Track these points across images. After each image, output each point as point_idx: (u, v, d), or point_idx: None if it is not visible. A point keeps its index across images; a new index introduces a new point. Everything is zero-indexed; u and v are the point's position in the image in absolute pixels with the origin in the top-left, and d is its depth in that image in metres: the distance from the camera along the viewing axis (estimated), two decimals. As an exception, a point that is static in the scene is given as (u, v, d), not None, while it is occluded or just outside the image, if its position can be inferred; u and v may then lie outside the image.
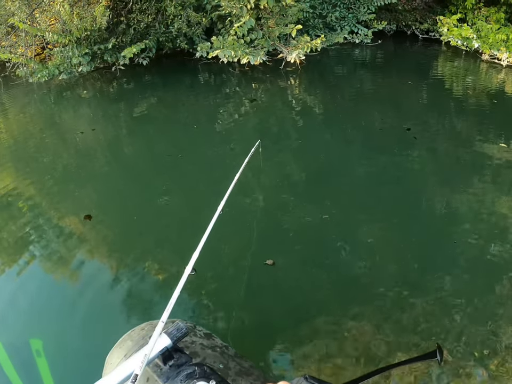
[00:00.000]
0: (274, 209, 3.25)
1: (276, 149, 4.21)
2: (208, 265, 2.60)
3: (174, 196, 3.60)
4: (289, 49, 6.26)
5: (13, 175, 4.44)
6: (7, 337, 2.26)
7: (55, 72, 6.67)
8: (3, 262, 2.97)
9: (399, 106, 5.44)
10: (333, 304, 2.32)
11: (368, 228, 2.91)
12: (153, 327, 1.29)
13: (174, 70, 6.82)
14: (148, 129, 5.17)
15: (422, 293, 2.30)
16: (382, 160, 3.87)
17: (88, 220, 3.28)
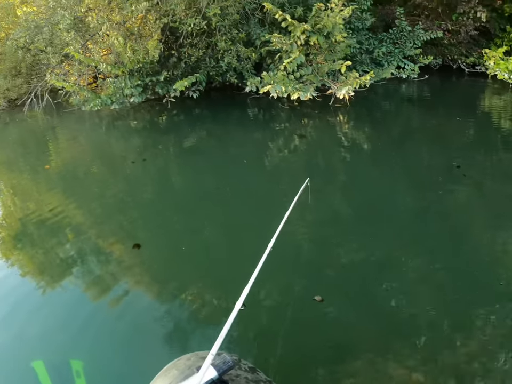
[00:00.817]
0: (320, 245, 3.19)
1: (324, 185, 4.14)
2: (254, 299, 2.56)
3: (222, 229, 3.57)
4: (338, 85, 6.24)
5: (61, 200, 4.50)
6: (49, 355, 2.28)
7: (108, 102, 6.85)
8: (53, 282, 3.01)
9: (447, 142, 5.29)
10: (376, 343, 2.24)
11: (413, 266, 2.84)
12: (199, 358, 1.29)
13: (223, 103, 6.90)
14: (197, 161, 5.20)
15: (465, 334, 2.21)
16: (428, 197, 3.76)
17: (137, 249, 3.28)
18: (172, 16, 6.68)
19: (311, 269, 2.91)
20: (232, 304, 2.27)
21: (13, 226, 4.06)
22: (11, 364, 2.30)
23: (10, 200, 4.86)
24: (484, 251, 2.97)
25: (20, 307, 2.79)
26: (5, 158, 6.84)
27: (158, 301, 2.74)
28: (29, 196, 4.86)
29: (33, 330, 2.53)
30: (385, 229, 3.31)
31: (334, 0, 6.39)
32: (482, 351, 2.10)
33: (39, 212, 4.22)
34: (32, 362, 2.24)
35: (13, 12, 10.48)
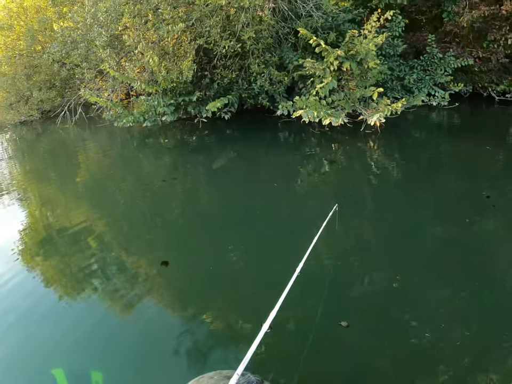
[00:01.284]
0: (347, 271, 3.16)
1: (352, 212, 4.11)
2: (280, 322, 2.51)
3: (250, 251, 3.56)
4: (369, 112, 6.24)
5: (89, 213, 4.56)
6: (69, 365, 2.29)
7: (140, 119, 6.98)
8: (78, 295, 3.04)
9: (476, 171, 5.20)
10: (398, 375, 2.20)
11: (437, 297, 2.76)
12: (222, 376, 1.31)
13: (254, 126, 6.96)
14: (227, 182, 5.23)
15: (489, 370, 2.14)
16: (456, 227, 3.68)
17: (165, 266, 3.30)
18: (207, 37, 6.80)
19: (337, 294, 2.88)
20: (256, 326, 2.27)
21: (38, 235, 4.11)
22: (31, 371, 2.32)
23: (37, 209, 4.94)
24: (509, 286, 2.87)
25: (43, 316, 2.82)
26: (35, 168, 7.02)
27: (182, 319, 2.75)
28: (56, 207, 4.94)
29: (54, 339, 2.56)
30: (411, 258, 3.26)
31: (367, 27, 6.44)
32: None
33: (66, 223, 4.28)
34: (52, 370, 2.26)
35: (49, 26, 10.83)
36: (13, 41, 11.63)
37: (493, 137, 6.43)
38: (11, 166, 7.22)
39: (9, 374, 2.32)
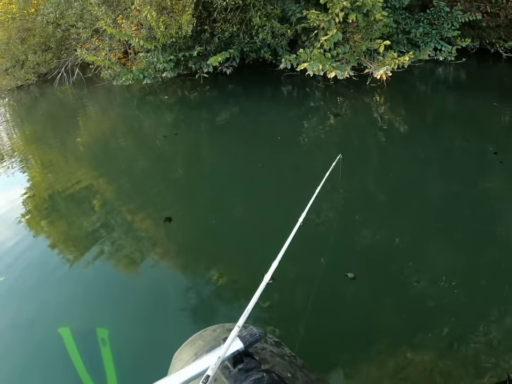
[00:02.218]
0: (349, 224, 3.10)
1: (355, 165, 4.00)
2: (284, 273, 2.43)
3: (253, 204, 3.51)
4: (375, 65, 6.02)
5: (91, 174, 4.47)
6: (76, 324, 2.30)
7: (140, 76, 6.76)
8: (81, 254, 3.01)
9: (483, 128, 5.06)
10: (400, 329, 2.18)
11: (440, 253, 2.71)
12: (225, 329, 1.29)
13: (256, 80, 6.74)
14: (229, 137, 5.10)
15: (490, 326, 2.12)
16: (462, 183, 3.61)
17: (168, 222, 3.25)
18: (206, -10, 6.51)
19: (340, 246, 2.83)
20: (260, 278, 2.39)
21: (41, 199, 4.05)
22: (38, 331, 2.31)
23: (39, 173, 4.84)
24: None
25: (48, 277, 2.81)
26: (35, 132, 6.85)
27: (186, 274, 2.73)
28: (58, 169, 4.83)
29: (60, 300, 2.56)
30: (415, 213, 3.17)
31: (373, -23, 6.14)
32: (506, 344, 2.02)
33: (68, 185, 4.20)
34: (58, 329, 2.26)
35: (42, -13, 10.39)
36: (5, 5, 11.19)
37: (499, 94, 6.23)
38: (10, 132, 7.04)
39: (16, 335, 2.32)
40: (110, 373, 2.01)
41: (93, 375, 2.00)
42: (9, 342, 2.28)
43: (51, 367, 2.09)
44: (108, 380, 1.98)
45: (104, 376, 1.99)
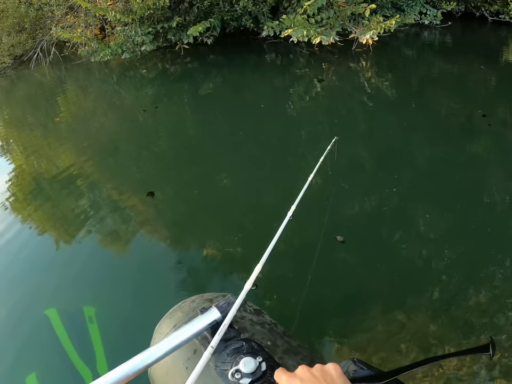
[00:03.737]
0: (338, 189, 3.00)
1: (344, 132, 3.88)
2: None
3: (237, 175, 3.40)
4: (360, 30, 5.79)
5: (73, 154, 4.32)
6: (62, 304, 2.29)
7: (118, 51, 6.43)
8: (66, 235, 2.97)
9: (471, 91, 4.90)
10: (390, 292, 2.15)
11: (428, 216, 2.63)
12: (203, 299, 1.27)
13: (238, 49, 6.45)
14: (212, 108, 4.89)
15: (479, 287, 2.10)
16: (450, 146, 3.48)
17: (151, 197, 3.16)
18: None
19: (326, 211, 2.73)
20: (245, 249, 2.50)
21: (25, 183, 3.91)
22: (25, 313, 2.29)
23: (21, 157, 4.66)
24: (502, 206, 2.72)
25: (33, 260, 2.78)
26: (14, 116, 6.55)
27: (170, 249, 2.70)
28: (40, 152, 4.64)
29: (46, 281, 2.53)
30: (403, 178, 3.07)
31: None
32: (494, 305, 2.00)
33: (51, 167, 4.06)
34: (45, 311, 2.24)
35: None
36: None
37: (486, 58, 6.06)
38: (-12, 118, 6.71)
39: (3, 319, 2.29)
40: (98, 350, 2.00)
41: (81, 352, 1.99)
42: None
43: (40, 348, 2.06)
44: (97, 356, 1.97)
45: (93, 353, 1.98)
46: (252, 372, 0.78)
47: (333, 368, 0.62)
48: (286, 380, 0.64)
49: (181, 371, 1.03)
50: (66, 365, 1.95)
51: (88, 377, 1.89)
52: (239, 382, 0.78)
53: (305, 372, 0.62)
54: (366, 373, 0.69)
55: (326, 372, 0.62)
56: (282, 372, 0.66)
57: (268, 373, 0.79)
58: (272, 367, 0.81)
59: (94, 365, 1.94)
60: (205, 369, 0.91)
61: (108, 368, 1.89)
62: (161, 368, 1.10)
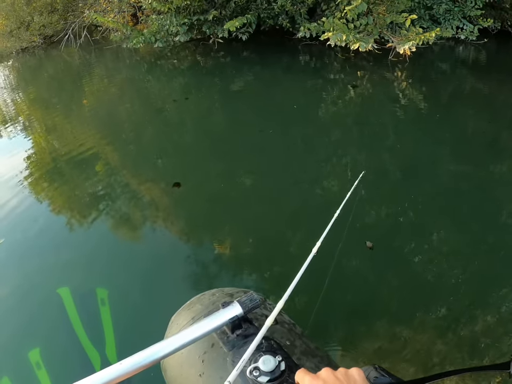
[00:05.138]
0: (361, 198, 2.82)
1: (373, 141, 3.81)
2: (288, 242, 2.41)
3: (263, 172, 3.29)
4: (398, 39, 5.62)
5: (96, 138, 4.22)
6: (75, 283, 2.24)
7: (151, 39, 6.31)
8: (85, 217, 2.90)
9: (505, 111, 4.72)
10: (398, 305, 2.08)
11: (445, 235, 2.53)
12: (224, 294, 1.24)
13: (272, 48, 6.30)
14: (242, 104, 4.78)
15: (487, 309, 2.01)
16: (476, 166, 3.32)
17: (176, 188, 3.07)
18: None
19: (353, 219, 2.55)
20: (263, 247, 2.45)
21: (45, 163, 3.84)
22: (38, 291, 2.25)
23: (43, 137, 4.59)
24: None
25: (49, 239, 2.73)
26: (39, 95, 6.47)
27: (189, 240, 2.61)
28: (62, 134, 4.55)
29: (60, 261, 2.48)
30: (425, 192, 2.94)
31: None
32: (500, 329, 1.91)
33: (72, 149, 3.95)
34: (57, 289, 2.20)
35: None
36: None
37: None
38: (14, 95, 6.63)
39: (15, 295, 2.25)
40: (108, 333, 1.95)
41: (91, 334, 1.94)
42: (8, 302, 2.21)
43: (50, 326, 2.02)
44: (106, 340, 1.92)
45: (102, 336, 1.92)
46: (271, 371, 0.76)
47: (356, 373, 0.61)
48: (309, 381, 0.62)
49: (196, 364, 0.99)
50: (74, 345, 1.89)
51: (96, 360, 1.82)
52: (257, 380, 0.75)
53: (329, 375, 0.61)
54: (387, 381, 0.67)
55: (350, 376, 0.61)
56: (305, 373, 0.64)
57: (286, 372, 0.76)
58: (291, 367, 0.79)
59: (103, 347, 1.87)
60: (222, 364, 0.91)
61: (116, 352, 1.85)
62: (175, 359, 1.05)
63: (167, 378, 1.14)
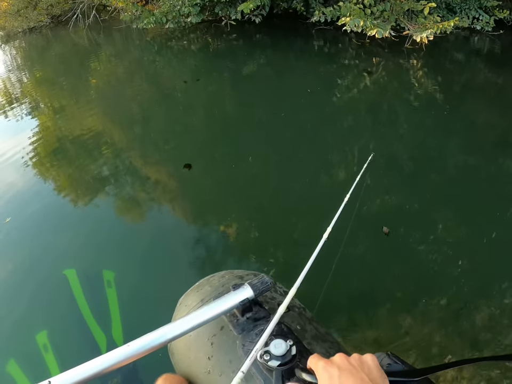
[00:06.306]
0: (370, 185, 2.76)
1: (385, 128, 3.74)
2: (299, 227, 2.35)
3: (274, 156, 3.21)
4: (415, 27, 5.45)
5: (104, 120, 4.14)
6: (81, 265, 2.22)
7: (163, 20, 6.13)
8: (92, 199, 2.87)
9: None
10: (401, 295, 2.02)
11: (450, 225, 2.47)
12: (234, 276, 1.21)
13: (285, 32, 6.13)
14: (254, 87, 4.65)
15: (489, 302, 1.97)
16: (488, 160, 3.21)
17: (187, 169, 3.02)
18: None
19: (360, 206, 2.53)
20: (271, 233, 2.39)
21: (51, 144, 3.76)
22: (44, 272, 2.22)
23: (49, 118, 4.48)
24: None
25: (56, 220, 2.69)
26: (46, 76, 6.32)
27: (198, 223, 2.57)
28: (69, 115, 4.44)
29: (67, 242, 2.44)
30: (432, 183, 2.87)
31: None
32: (502, 322, 1.87)
33: (79, 131, 3.86)
34: (64, 271, 2.18)
35: None
36: None
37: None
38: (21, 75, 6.48)
39: (22, 275, 2.22)
40: (114, 315, 1.94)
41: (97, 316, 1.93)
42: (15, 282, 2.18)
43: (56, 307, 2.01)
44: (113, 322, 1.90)
45: (109, 318, 1.90)
46: (282, 355, 0.74)
47: (370, 359, 0.60)
48: (323, 367, 0.60)
49: (205, 346, 0.96)
50: (81, 327, 1.87)
51: (102, 342, 1.81)
52: (267, 364, 0.73)
53: (343, 360, 0.60)
54: (400, 368, 0.66)
55: (364, 362, 0.60)
56: (319, 358, 0.63)
57: (297, 357, 0.75)
58: (301, 352, 0.78)
59: (109, 330, 1.85)
60: (232, 347, 0.89)
61: (123, 334, 1.83)
62: (183, 341, 1.01)
63: (174, 361, 1.10)
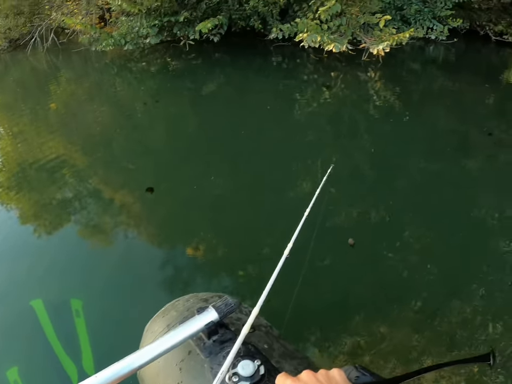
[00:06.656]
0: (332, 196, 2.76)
1: (346, 140, 3.81)
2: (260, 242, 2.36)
3: (237, 175, 3.23)
4: (371, 40, 5.54)
5: (65, 145, 4.01)
6: (48, 295, 2.15)
7: (121, 42, 6.04)
8: (56, 227, 2.79)
9: (477, 109, 4.68)
10: (373, 301, 2.04)
11: (417, 231, 2.51)
12: (198, 299, 1.21)
13: (244, 49, 6.13)
14: (214, 106, 4.62)
15: (461, 302, 2.02)
16: (452, 162, 3.31)
17: (150, 193, 2.95)
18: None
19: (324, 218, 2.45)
20: (238, 253, 2.38)
21: (12, 171, 3.66)
22: (10, 304, 2.15)
23: (10, 144, 4.34)
24: (489, 224, 2.58)
25: (19, 249, 2.61)
26: (5, 100, 6.13)
27: (162, 246, 2.55)
28: (29, 140, 4.31)
29: (32, 272, 2.37)
30: (396, 191, 2.95)
31: None
32: (475, 320, 1.91)
33: (40, 156, 3.75)
34: (30, 301, 2.11)
35: None
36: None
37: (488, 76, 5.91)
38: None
39: None
40: (84, 345, 1.88)
41: (67, 347, 1.86)
42: None
43: (25, 340, 1.93)
44: (83, 352, 1.85)
45: (78, 348, 1.84)
46: (251, 376, 0.74)
47: (337, 374, 0.60)
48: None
49: (173, 372, 0.95)
50: (51, 359, 1.80)
51: (73, 373, 1.74)
52: None
53: (311, 377, 0.60)
54: (368, 379, 0.66)
55: (331, 377, 0.60)
56: (286, 376, 0.62)
57: (266, 376, 0.75)
58: (270, 371, 0.78)
59: (79, 360, 1.79)
60: (200, 371, 0.88)
61: (94, 364, 1.77)
62: (152, 368, 1.00)
63: None
